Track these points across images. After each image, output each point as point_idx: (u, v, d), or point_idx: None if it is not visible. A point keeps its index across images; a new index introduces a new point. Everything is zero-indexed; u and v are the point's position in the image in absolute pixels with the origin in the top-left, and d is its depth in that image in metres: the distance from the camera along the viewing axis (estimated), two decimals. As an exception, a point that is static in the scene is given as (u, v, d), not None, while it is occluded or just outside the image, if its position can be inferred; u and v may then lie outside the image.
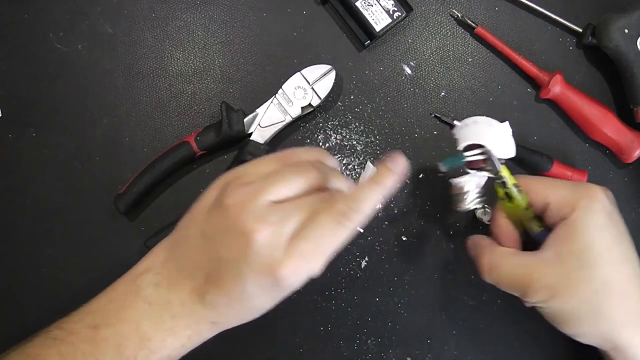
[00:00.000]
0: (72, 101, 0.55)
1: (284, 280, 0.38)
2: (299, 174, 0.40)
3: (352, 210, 0.39)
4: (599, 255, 0.41)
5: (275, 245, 0.38)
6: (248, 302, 0.40)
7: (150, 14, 0.56)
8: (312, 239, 0.38)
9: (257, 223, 0.38)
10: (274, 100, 0.53)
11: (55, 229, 0.55)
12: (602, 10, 0.54)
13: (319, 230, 0.38)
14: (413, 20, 0.56)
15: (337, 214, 0.39)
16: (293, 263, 0.37)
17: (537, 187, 0.44)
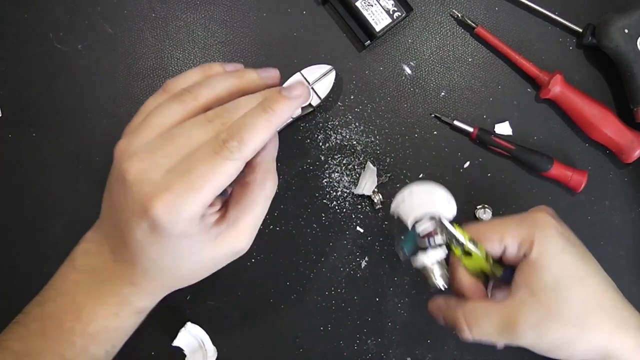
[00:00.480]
0: (72, 101, 0.55)
1: (157, 219, 0.36)
2: (175, 100, 0.39)
3: (235, 140, 0.36)
4: (570, 278, 0.41)
5: (146, 180, 0.36)
6: (143, 253, 0.38)
7: (150, 14, 0.56)
8: (186, 172, 0.36)
9: (129, 160, 0.37)
10: (274, 100, 0.53)
11: (55, 229, 0.55)
12: (602, 10, 0.54)
13: (195, 162, 0.36)
14: (413, 20, 0.56)
15: (217, 144, 0.36)
16: (163, 197, 0.35)
17: (488, 234, 0.43)
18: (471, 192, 0.55)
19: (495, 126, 0.55)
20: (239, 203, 0.41)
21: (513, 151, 0.54)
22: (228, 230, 0.40)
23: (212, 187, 0.36)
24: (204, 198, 0.36)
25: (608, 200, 0.55)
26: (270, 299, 0.54)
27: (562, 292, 0.41)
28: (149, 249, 0.38)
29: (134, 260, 0.40)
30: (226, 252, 0.41)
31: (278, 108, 0.39)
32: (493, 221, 0.45)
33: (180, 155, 0.37)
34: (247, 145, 0.37)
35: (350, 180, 0.55)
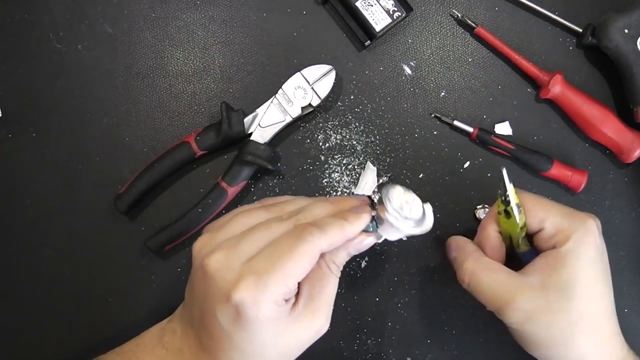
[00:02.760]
0: (72, 101, 0.55)
1: (241, 303, 0.36)
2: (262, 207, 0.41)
3: (315, 226, 0.38)
4: (583, 289, 0.41)
5: (228, 268, 0.37)
6: (228, 341, 0.38)
7: (150, 14, 0.56)
8: (267, 256, 0.37)
9: (210, 253, 0.38)
10: (274, 100, 0.53)
11: (55, 229, 0.55)
12: (602, 10, 0.54)
13: (277, 246, 0.37)
14: (413, 20, 0.56)
15: (298, 229, 0.38)
16: (245, 281, 0.36)
17: (535, 209, 0.43)
18: (471, 192, 0.55)
19: (495, 126, 0.55)
20: (311, 280, 0.41)
21: (513, 151, 0.54)
22: (305, 310, 0.40)
23: (295, 269, 0.37)
24: (287, 280, 0.37)
25: (608, 200, 0.55)
26: (270, 299, 0.54)
27: (568, 297, 0.41)
28: (235, 337, 0.38)
29: (218, 350, 0.39)
30: (307, 332, 0.41)
31: (351, 223, 0.40)
32: (544, 200, 0.45)
33: (262, 244, 0.38)
34: (326, 233, 0.38)
35: (350, 180, 0.55)
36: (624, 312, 0.55)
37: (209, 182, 0.54)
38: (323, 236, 0.38)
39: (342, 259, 0.41)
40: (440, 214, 0.55)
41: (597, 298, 0.42)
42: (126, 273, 0.54)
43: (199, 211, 0.52)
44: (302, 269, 0.38)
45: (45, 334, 0.54)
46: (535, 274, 0.42)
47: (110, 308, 0.54)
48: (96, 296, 0.54)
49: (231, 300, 0.36)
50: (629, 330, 0.55)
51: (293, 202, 0.42)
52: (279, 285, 0.37)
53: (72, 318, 0.54)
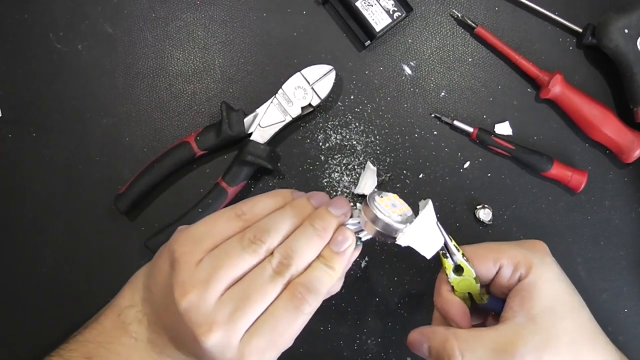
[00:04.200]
0: (72, 101, 0.55)
1: None
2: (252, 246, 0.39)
3: (310, 293, 0.39)
4: (565, 306, 0.41)
5: (227, 346, 0.37)
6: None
7: (150, 14, 0.56)
8: (268, 333, 0.38)
9: (205, 326, 0.37)
10: (274, 100, 0.53)
11: (55, 229, 0.55)
12: (602, 10, 0.54)
13: (275, 321, 0.38)
14: (413, 20, 0.56)
15: (294, 298, 0.38)
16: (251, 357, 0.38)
17: (484, 254, 0.43)
18: (471, 192, 0.55)
19: (495, 126, 0.55)
20: None
21: (513, 151, 0.54)
22: None
23: (291, 340, 0.39)
24: (283, 350, 0.39)
25: (608, 200, 0.55)
26: (270, 299, 0.54)
27: (559, 318, 0.40)
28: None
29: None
30: None
31: (338, 264, 0.41)
32: (489, 243, 0.45)
33: (258, 315, 0.38)
34: (319, 294, 0.39)
35: (350, 180, 0.55)
36: (624, 312, 0.55)
37: (209, 182, 0.54)
38: (318, 298, 0.39)
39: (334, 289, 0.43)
40: (440, 214, 0.55)
41: (579, 309, 0.42)
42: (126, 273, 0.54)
43: (199, 211, 0.52)
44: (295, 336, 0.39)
45: (45, 333, 0.54)
46: (517, 314, 0.41)
47: (110, 308, 0.54)
48: (96, 296, 0.54)
49: None
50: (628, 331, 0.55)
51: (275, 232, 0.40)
52: (275, 356, 0.39)
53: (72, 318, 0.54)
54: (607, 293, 0.55)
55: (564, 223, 0.55)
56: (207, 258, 0.39)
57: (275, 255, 0.39)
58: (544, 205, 0.55)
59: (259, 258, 0.39)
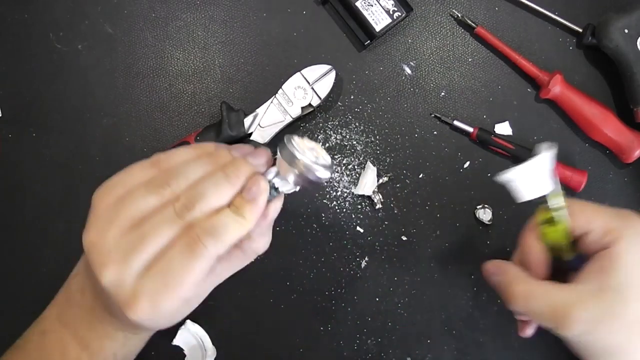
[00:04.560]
0: (72, 101, 0.55)
1: (140, 322, 0.36)
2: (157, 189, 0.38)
3: (210, 236, 0.36)
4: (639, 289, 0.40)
5: (120, 285, 0.36)
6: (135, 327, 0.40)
7: (150, 14, 0.56)
8: (161, 274, 0.36)
9: (102, 262, 0.36)
10: (274, 100, 0.53)
11: (55, 229, 0.55)
12: (602, 10, 0.54)
13: (168, 263, 0.36)
14: (413, 20, 0.56)
15: (191, 241, 0.36)
16: (141, 305, 0.36)
17: (580, 212, 0.42)
18: (471, 192, 0.55)
19: (495, 126, 0.55)
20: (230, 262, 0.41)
21: (513, 151, 0.54)
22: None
23: (188, 287, 0.36)
24: (182, 296, 0.37)
25: (608, 200, 0.55)
26: (270, 299, 0.54)
27: (630, 299, 0.39)
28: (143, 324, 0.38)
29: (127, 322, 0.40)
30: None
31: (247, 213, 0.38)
32: (585, 202, 0.43)
33: (153, 252, 0.37)
34: (221, 240, 0.37)
35: (350, 180, 0.55)
36: (624, 312, 0.55)
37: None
38: (218, 244, 0.37)
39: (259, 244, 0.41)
40: (440, 214, 0.55)
41: None
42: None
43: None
44: (196, 283, 0.37)
45: (45, 334, 0.54)
46: (590, 280, 0.40)
47: (110, 308, 0.54)
48: (96, 296, 0.54)
49: (128, 317, 0.36)
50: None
51: (184, 178, 0.39)
52: (174, 302, 0.36)
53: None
54: (607, 293, 0.55)
55: (564, 223, 0.55)
56: (114, 201, 0.38)
57: (180, 198, 0.38)
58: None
59: (162, 201, 0.38)
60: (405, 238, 0.55)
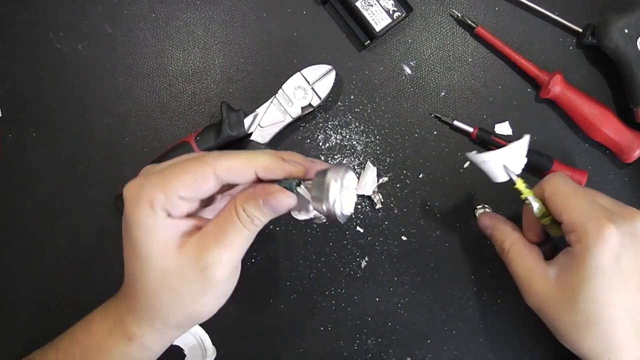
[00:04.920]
0: (72, 101, 0.55)
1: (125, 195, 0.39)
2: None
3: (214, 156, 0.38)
4: (590, 295, 0.41)
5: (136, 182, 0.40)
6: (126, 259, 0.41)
7: (150, 14, 0.56)
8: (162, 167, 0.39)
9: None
10: (274, 100, 0.53)
11: (55, 229, 0.55)
12: (602, 10, 0.54)
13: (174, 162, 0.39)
14: (413, 20, 0.56)
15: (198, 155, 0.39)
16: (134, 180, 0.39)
17: (554, 200, 0.43)
18: (471, 192, 0.55)
19: (495, 126, 0.55)
20: (216, 220, 0.39)
21: (513, 151, 0.54)
22: (195, 243, 0.39)
23: (176, 179, 0.37)
24: (167, 187, 0.37)
25: (608, 200, 0.55)
26: (270, 299, 0.54)
27: (576, 300, 0.42)
28: (125, 246, 0.40)
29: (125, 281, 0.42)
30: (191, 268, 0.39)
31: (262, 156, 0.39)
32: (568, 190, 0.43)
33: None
34: (225, 157, 0.38)
35: (350, 180, 0.55)
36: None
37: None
38: (220, 157, 0.38)
39: (253, 208, 0.38)
40: (440, 214, 0.55)
41: (606, 306, 0.41)
42: (126, 273, 0.54)
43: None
44: (184, 182, 0.37)
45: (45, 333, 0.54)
46: (554, 268, 0.43)
47: (110, 308, 0.54)
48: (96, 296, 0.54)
49: (122, 194, 0.39)
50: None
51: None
52: (157, 189, 0.37)
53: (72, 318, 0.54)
54: (607, 293, 0.55)
55: (564, 223, 0.55)
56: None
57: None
58: (544, 205, 0.55)
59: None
60: (405, 238, 0.55)
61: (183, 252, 0.38)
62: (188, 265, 0.38)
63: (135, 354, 0.42)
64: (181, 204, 0.38)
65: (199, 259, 0.38)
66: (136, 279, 0.40)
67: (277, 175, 0.39)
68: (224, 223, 0.39)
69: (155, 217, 0.38)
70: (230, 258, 0.38)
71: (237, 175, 0.38)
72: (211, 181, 0.38)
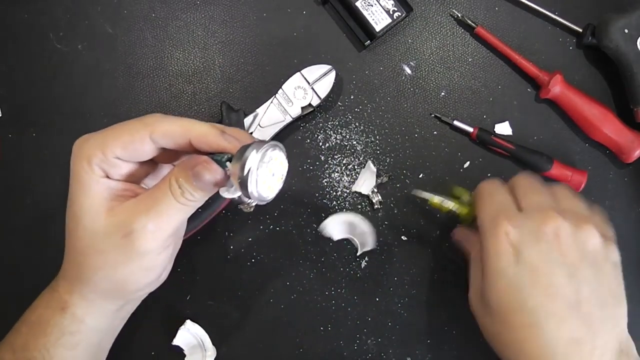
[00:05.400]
0: (72, 101, 0.55)
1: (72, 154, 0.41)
2: None
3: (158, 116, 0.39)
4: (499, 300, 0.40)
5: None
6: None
7: (150, 14, 0.56)
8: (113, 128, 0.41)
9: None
10: (274, 100, 0.53)
11: (55, 229, 0.55)
12: (602, 10, 0.54)
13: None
14: (413, 20, 0.56)
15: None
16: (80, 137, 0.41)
17: (475, 203, 0.45)
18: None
19: (495, 126, 0.55)
20: (151, 190, 0.39)
21: (513, 151, 0.54)
22: (125, 208, 0.38)
23: (114, 136, 0.38)
24: (104, 144, 0.38)
25: (608, 200, 0.55)
26: (270, 299, 0.55)
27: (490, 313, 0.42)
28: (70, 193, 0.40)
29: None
30: (117, 232, 0.38)
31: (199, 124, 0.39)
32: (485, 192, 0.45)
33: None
34: (164, 119, 0.38)
35: (350, 180, 0.55)
36: (624, 312, 0.55)
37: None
38: (160, 120, 0.38)
39: (183, 178, 0.37)
40: (440, 214, 0.55)
41: (515, 312, 0.39)
42: (126, 273, 0.54)
43: (198, 211, 0.52)
44: (120, 141, 0.38)
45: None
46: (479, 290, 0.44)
47: (110, 308, 0.54)
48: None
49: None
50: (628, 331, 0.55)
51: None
52: (96, 147, 0.38)
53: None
54: (607, 293, 0.55)
55: (564, 223, 0.55)
56: None
57: None
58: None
59: None
60: (405, 238, 0.55)
61: (113, 214, 0.38)
62: (114, 227, 0.38)
63: (69, 326, 0.41)
64: (119, 165, 0.39)
65: (125, 224, 0.38)
66: (69, 237, 0.40)
67: (212, 148, 0.38)
68: (157, 192, 0.38)
69: (92, 174, 0.38)
70: (155, 228, 0.38)
71: (171, 140, 0.38)
72: (147, 143, 0.38)
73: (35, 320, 0.42)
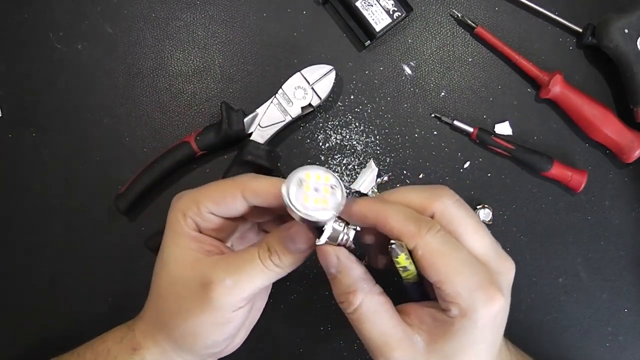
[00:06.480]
0: (72, 101, 0.55)
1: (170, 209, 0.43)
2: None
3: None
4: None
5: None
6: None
7: (150, 14, 0.56)
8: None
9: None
10: (274, 100, 0.53)
11: (55, 229, 0.55)
12: (602, 10, 0.54)
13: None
14: (413, 20, 0.56)
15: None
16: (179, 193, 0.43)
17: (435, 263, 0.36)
18: (471, 192, 0.55)
19: (495, 126, 0.55)
20: (238, 253, 0.41)
21: (513, 151, 0.54)
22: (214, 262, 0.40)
23: (207, 194, 0.41)
24: (198, 201, 0.41)
25: (608, 200, 0.55)
26: (270, 299, 0.54)
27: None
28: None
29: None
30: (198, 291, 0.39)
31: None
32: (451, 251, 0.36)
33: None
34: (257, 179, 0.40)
35: (350, 181, 0.55)
36: (623, 312, 0.55)
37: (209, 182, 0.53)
38: (250, 179, 0.40)
39: (274, 241, 0.39)
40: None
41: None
42: (126, 273, 0.54)
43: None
44: (213, 197, 0.40)
45: (45, 334, 0.54)
46: (422, 333, 0.37)
47: (110, 308, 0.54)
48: (96, 296, 0.54)
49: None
50: (628, 331, 0.55)
51: None
52: (191, 201, 0.41)
53: (72, 318, 0.54)
54: (607, 293, 0.55)
55: (564, 223, 0.55)
56: None
57: None
58: (544, 205, 0.55)
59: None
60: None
61: (197, 265, 0.40)
62: (195, 277, 0.40)
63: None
64: (211, 220, 0.41)
65: (205, 275, 0.39)
66: (153, 282, 0.42)
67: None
68: (245, 253, 0.40)
69: (184, 226, 0.41)
70: (233, 284, 0.39)
71: (261, 197, 0.40)
72: (238, 200, 0.40)
73: (103, 352, 0.43)
